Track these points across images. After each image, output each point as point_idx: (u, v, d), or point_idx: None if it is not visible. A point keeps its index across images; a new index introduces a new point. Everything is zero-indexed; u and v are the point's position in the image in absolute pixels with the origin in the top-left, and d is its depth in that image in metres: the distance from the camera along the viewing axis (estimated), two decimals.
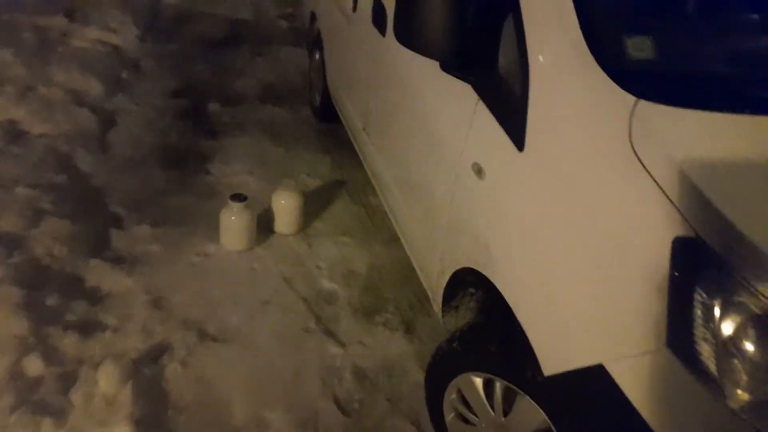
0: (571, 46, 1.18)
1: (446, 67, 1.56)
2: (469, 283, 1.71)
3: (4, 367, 1.76)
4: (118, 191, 2.78)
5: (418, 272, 2.10)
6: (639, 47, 1.17)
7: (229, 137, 3.44)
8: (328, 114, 3.56)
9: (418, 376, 1.99)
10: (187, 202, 2.79)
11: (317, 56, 3.67)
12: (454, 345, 1.54)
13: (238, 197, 2.39)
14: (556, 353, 1.18)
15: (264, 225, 2.59)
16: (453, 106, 1.62)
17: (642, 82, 1.12)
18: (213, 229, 2.50)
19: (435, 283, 1.84)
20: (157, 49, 4.42)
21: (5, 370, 1.76)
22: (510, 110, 1.34)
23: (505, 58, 1.39)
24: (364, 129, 2.65)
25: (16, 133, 2.99)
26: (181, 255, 2.42)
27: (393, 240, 2.60)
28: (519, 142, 1.29)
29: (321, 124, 3.72)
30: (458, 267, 1.62)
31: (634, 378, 1.01)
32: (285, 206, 2.56)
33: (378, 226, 2.77)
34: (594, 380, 1.08)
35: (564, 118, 1.18)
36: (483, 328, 1.54)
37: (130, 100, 3.66)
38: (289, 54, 4.64)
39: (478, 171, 1.46)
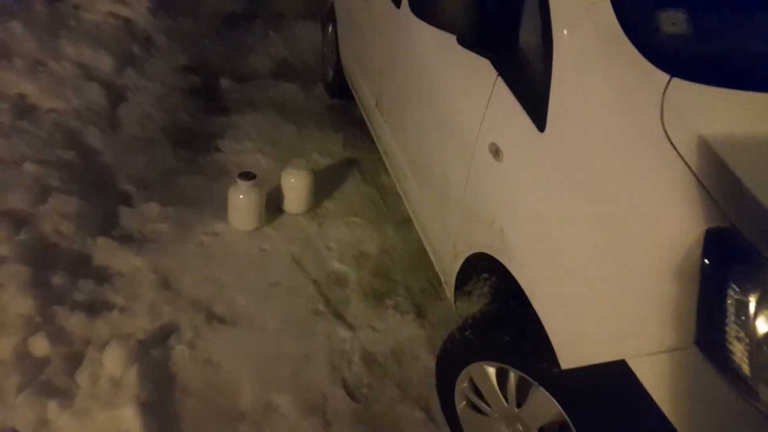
0: (600, 19, 1.09)
1: (464, 41, 1.48)
2: (483, 269, 1.65)
3: (11, 347, 1.75)
4: (128, 169, 2.74)
5: (431, 256, 2.04)
6: (673, 21, 1.07)
7: (240, 114, 3.37)
8: (340, 90, 3.48)
9: (429, 362, 1.95)
10: (197, 181, 2.75)
11: (330, 30, 3.58)
12: (467, 333, 1.49)
13: (247, 175, 2.34)
14: (575, 346, 1.12)
15: (273, 204, 2.54)
16: (470, 82, 1.54)
17: (676, 58, 1.03)
18: (222, 209, 2.46)
19: (448, 268, 1.79)
20: (169, 23, 4.33)
21: (11, 350, 1.74)
22: (531, 88, 1.26)
23: (527, 31, 1.30)
24: (376, 105, 2.57)
25: (25, 108, 2.95)
26: (190, 234, 2.38)
27: (405, 222, 2.54)
28: (540, 122, 1.21)
29: (333, 100, 3.64)
30: (472, 252, 1.56)
31: (659, 376, 0.95)
32: (294, 185, 2.50)
33: (390, 207, 2.71)
34: (615, 376, 1.02)
35: (589, 97, 1.10)
36: (497, 316, 1.48)
37: (140, 75, 3.59)
38: (302, 28, 4.52)
39: (496, 152, 1.38)
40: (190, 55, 4.01)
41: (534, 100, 1.24)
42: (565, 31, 1.15)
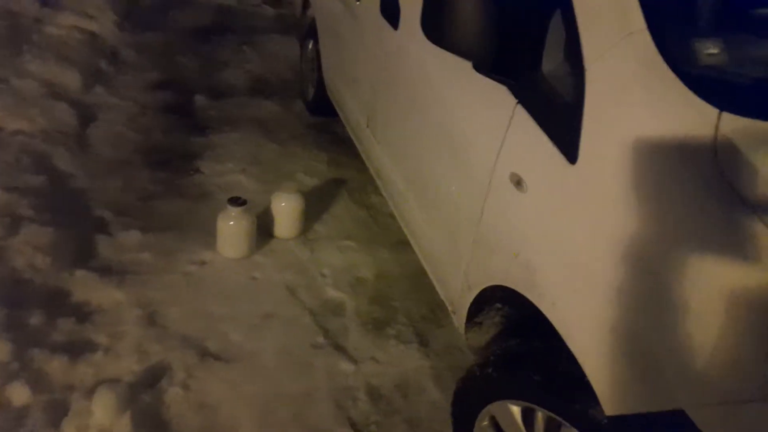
0: (638, 49, 1.05)
1: (480, 68, 1.42)
2: (497, 299, 1.59)
3: None
4: (103, 194, 2.59)
5: (434, 282, 1.97)
6: (719, 49, 1.04)
7: (218, 133, 3.25)
8: (322, 108, 3.40)
9: (436, 395, 1.88)
10: (178, 205, 2.62)
11: (310, 46, 3.49)
12: (489, 371, 1.42)
13: (237, 201, 2.23)
14: (622, 393, 1.06)
15: (262, 229, 2.43)
16: (485, 109, 1.48)
17: (725, 90, 1.00)
18: (208, 234, 2.33)
19: (458, 298, 1.72)
20: (137, 37, 4.17)
21: None
22: (559, 117, 1.21)
23: (552, 58, 1.26)
24: (367, 126, 2.50)
25: None
26: (174, 264, 2.25)
27: (400, 244, 2.47)
28: (571, 154, 1.16)
29: (314, 118, 3.55)
30: (489, 284, 1.50)
31: (729, 430, 0.90)
32: (286, 209, 2.40)
33: (383, 229, 2.63)
34: (670, 425, 0.97)
35: (630, 130, 1.05)
36: (523, 352, 1.42)
37: (110, 92, 3.43)
38: (276, 43, 4.44)
39: (518, 182, 1.33)
40: (162, 70, 3.86)
41: (563, 131, 1.19)
42: (599, 61, 1.11)
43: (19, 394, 1.62)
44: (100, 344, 1.87)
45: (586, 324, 1.14)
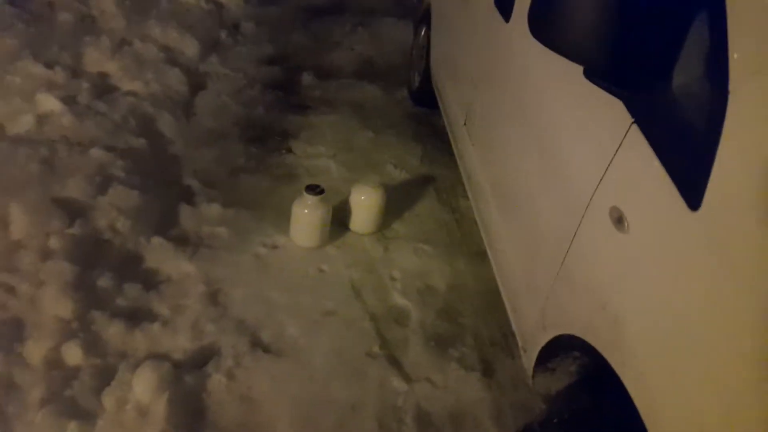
0: None
1: (592, 74, 1.18)
2: (576, 346, 1.35)
3: (42, 352, 1.63)
4: (195, 162, 2.62)
5: (508, 309, 1.76)
6: None
7: (317, 114, 3.20)
8: (425, 98, 3.23)
9: None
10: (263, 183, 2.59)
11: (423, 33, 3.32)
12: None
13: (315, 189, 2.14)
14: None
15: (339, 220, 2.33)
16: (592, 124, 1.24)
17: None
18: (284, 218, 2.26)
19: (530, 335, 1.50)
20: (259, 11, 4.23)
21: (42, 357, 1.62)
22: (685, 147, 0.95)
23: (685, 70, 0.99)
24: (464, 124, 2.30)
25: (104, 89, 2.90)
26: (247, 243, 2.22)
27: (479, 255, 2.26)
28: (693, 197, 0.90)
29: (416, 108, 3.39)
30: (565, 332, 1.27)
31: None
32: (364, 204, 2.27)
33: (465, 235, 2.43)
34: None
35: None
36: (593, 417, 1.19)
37: (223, 63, 3.50)
38: (392, 26, 4.30)
39: (618, 220, 1.08)
40: (276, 45, 3.88)
41: (687, 167, 0.93)
42: (752, 81, 0.84)
43: (72, 354, 1.65)
44: (159, 315, 1.87)
45: (682, 418, 0.90)
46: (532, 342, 1.49)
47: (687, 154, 0.94)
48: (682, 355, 0.92)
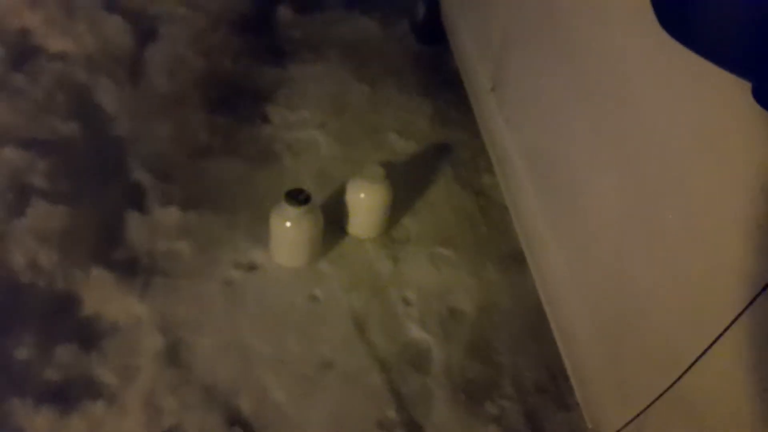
0: None
1: (763, 96, 0.63)
2: None
3: None
4: (145, 146, 2.07)
5: (557, 337, 1.33)
6: None
7: (299, 63, 2.57)
8: (432, 33, 2.61)
9: None
10: (234, 169, 2.05)
11: None
12: None
13: (297, 196, 1.60)
14: None
15: (333, 220, 1.81)
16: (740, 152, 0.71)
17: None
18: (262, 221, 1.74)
19: (599, 409, 1.06)
20: None
21: None
22: None
23: None
24: (492, 89, 1.72)
25: (26, 51, 2.28)
26: (215, 264, 1.72)
27: (515, 258, 1.78)
28: None
29: (421, 46, 2.75)
30: None
31: None
32: (365, 204, 1.75)
33: (494, 229, 1.93)
34: None
35: None
36: None
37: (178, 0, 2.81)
38: None
39: None
40: None
41: None
42: None
43: None
44: (103, 386, 1.42)
45: None
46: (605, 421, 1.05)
47: None
48: None
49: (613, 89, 1.07)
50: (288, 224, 1.60)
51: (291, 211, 1.57)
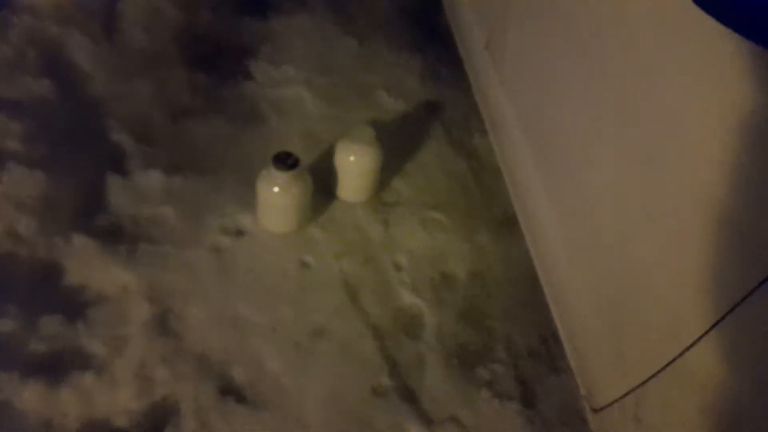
0: None
1: None
2: None
3: None
4: (125, 106, 1.97)
5: (549, 301, 1.35)
6: None
7: (281, 14, 2.44)
8: None
9: None
10: (218, 129, 1.97)
11: None
12: None
13: (285, 160, 1.55)
14: None
15: (322, 184, 1.76)
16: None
17: None
18: (249, 184, 1.68)
19: (595, 381, 1.07)
20: None
21: None
22: None
23: None
24: (486, 48, 1.66)
25: None
26: (203, 229, 1.68)
27: (508, 222, 1.76)
28: None
29: None
30: None
31: None
32: (354, 167, 1.70)
33: (485, 193, 1.90)
34: None
35: None
36: None
37: None
38: None
39: None
40: None
41: None
42: None
43: None
44: (92, 357, 1.40)
45: None
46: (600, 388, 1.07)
47: None
48: None
49: (618, 50, 1.02)
50: (276, 189, 1.56)
51: (279, 176, 1.52)
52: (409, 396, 1.43)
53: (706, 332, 0.81)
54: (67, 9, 2.19)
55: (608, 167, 1.09)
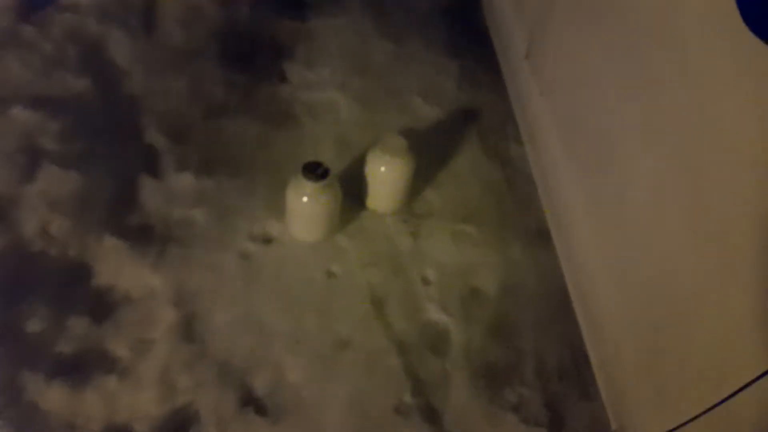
0: None
1: None
2: None
3: None
4: (159, 103, 1.98)
5: (581, 322, 1.29)
6: None
7: (320, 15, 2.42)
8: None
9: None
10: (252, 130, 1.96)
11: None
12: None
13: (315, 169, 1.52)
14: None
15: (351, 193, 1.73)
16: None
17: None
18: (279, 189, 1.66)
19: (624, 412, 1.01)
20: None
21: None
22: None
23: None
24: (527, 56, 1.59)
25: (34, 1, 2.17)
26: (231, 234, 1.67)
27: (541, 236, 1.69)
28: None
29: (449, 0, 2.57)
30: None
31: None
32: (386, 177, 1.66)
33: (519, 204, 1.84)
34: None
35: None
36: None
37: None
38: None
39: None
40: None
41: None
42: None
43: None
44: (117, 360, 1.40)
45: None
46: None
47: None
48: None
49: (667, 62, 0.95)
50: (305, 199, 1.53)
51: (308, 185, 1.49)
52: (432, 416, 1.39)
53: (760, 377, 0.75)
54: (107, 5, 2.22)
55: (652, 184, 1.03)
